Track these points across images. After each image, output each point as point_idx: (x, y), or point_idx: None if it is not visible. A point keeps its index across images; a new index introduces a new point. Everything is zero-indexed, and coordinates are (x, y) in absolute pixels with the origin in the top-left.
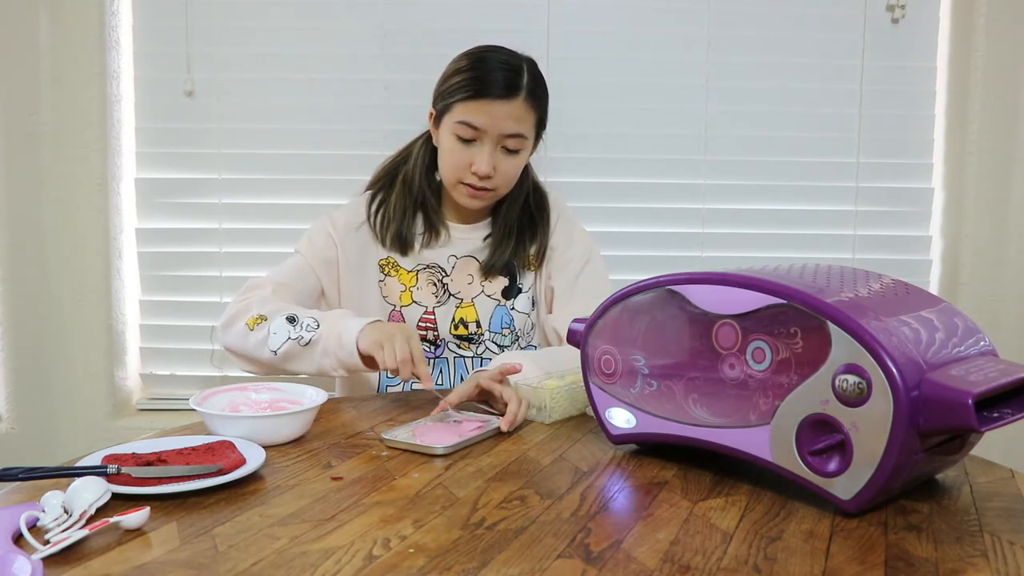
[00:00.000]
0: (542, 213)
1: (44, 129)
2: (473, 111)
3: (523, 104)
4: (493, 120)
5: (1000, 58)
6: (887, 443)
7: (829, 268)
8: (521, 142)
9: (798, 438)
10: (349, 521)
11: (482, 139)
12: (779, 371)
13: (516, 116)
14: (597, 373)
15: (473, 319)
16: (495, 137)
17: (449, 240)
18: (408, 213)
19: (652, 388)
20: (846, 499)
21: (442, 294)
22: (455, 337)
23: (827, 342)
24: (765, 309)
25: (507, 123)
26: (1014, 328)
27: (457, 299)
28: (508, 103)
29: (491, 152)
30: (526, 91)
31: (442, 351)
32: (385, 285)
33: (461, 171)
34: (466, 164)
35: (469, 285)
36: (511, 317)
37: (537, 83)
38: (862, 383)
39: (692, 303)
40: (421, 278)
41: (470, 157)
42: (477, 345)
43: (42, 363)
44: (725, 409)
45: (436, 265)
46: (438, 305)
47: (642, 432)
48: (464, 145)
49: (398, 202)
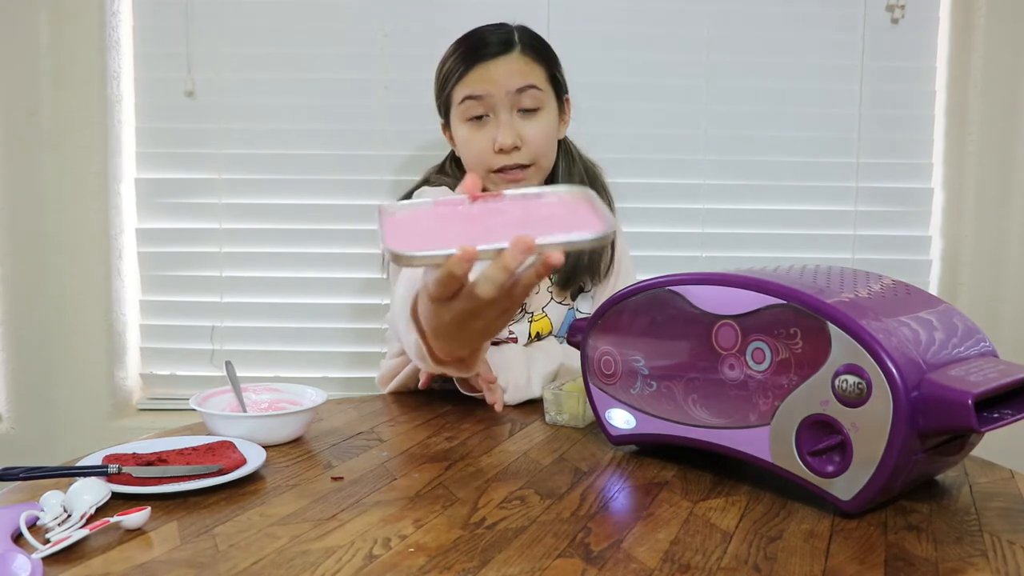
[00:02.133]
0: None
1: (44, 129)
2: (472, 81)
3: (521, 56)
4: (495, 81)
5: (1000, 58)
6: (887, 443)
7: (829, 269)
8: (537, 96)
9: (798, 439)
10: (349, 521)
11: (494, 109)
12: (779, 372)
13: (518, 70)
14: (597, 374)
15: (548, 330)
16: (505, 101)
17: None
18: None
19: (652, 389)
20: (846, 500)
21: (517, 314)
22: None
23: (827, 342)
24: (765, 309)
25: (512, 79)
26: (1014, 328)
27: (529, 313)
28: (505, 59)
29: (508, 119)
30: (521, 45)
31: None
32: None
33: (486, 156)
34: (488, 146)
35: (536, 295)
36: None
37: (536, 39)
38: (862, 383)
39: (692, 303)
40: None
41: (490, 136)
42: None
43: (42, 363)
44: (725, 410)
45: None
46: (515, 322)
47: (642, 433)
48: (479, 126)
49: None
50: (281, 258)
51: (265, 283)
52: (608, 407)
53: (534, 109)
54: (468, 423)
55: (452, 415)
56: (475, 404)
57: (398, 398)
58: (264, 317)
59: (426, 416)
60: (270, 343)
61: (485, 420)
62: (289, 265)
